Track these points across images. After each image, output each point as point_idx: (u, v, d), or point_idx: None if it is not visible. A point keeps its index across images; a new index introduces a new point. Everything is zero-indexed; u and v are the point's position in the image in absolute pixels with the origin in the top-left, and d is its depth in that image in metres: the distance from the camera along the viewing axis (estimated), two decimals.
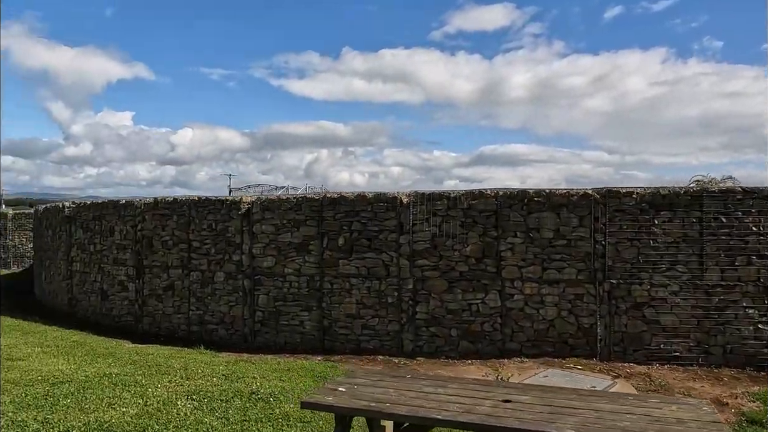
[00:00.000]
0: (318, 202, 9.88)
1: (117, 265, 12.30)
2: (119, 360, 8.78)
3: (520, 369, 8.47)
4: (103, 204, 12.71)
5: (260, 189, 36.86)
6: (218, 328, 10.73)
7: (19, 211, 26.69)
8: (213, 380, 7.65)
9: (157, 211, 11.56)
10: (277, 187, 36.40)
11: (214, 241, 10.77)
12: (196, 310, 11.01)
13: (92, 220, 12.94)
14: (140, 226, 11.82)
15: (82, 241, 13.25)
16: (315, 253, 9.87)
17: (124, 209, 12.19)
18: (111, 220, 12.45)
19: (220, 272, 10.69)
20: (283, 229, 10.09)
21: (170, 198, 11.48)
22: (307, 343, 9.89)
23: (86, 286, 13.14)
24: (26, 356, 8.95)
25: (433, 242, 9.24)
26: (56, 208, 14.41)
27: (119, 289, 12.28)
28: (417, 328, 9.30)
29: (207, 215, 10.86)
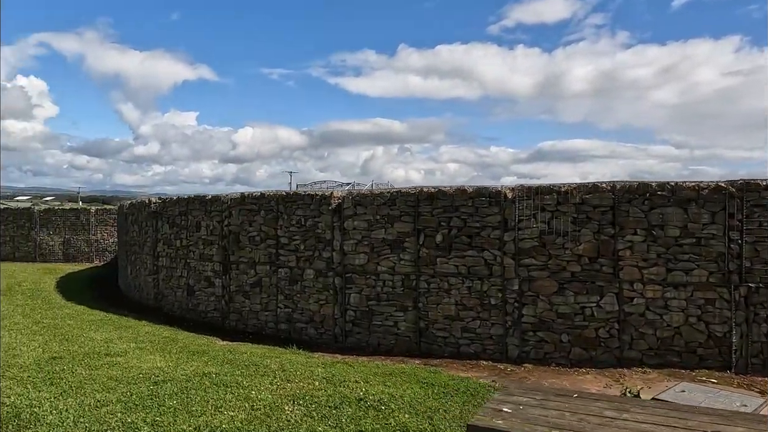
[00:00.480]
0: (414, 197, 9.36)
1: (203, 261, 12.23)
2: (214, 359, 8.57)
3: (645, 381, 7.65)
4: (190, 199, 12.68)
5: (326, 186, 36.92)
6: (307, 326, 10.41)
7: (101, 208, 27.65)
8: (315, 384, 7.27)
9: (244, 206, 11.38)
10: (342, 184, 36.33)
11: (303, 237, 10.45)
12: (284, 308, 10.74)
13: (178, 215, 12.95)
14: (227, 221, 11.68)
15: (168, 237, 13.29)
16: (410, 251, 9.35)
17: (210, 204, 12.09)
18: (197, 216, 12.39)
19: (309, 269, 10.36)
20: (377, 225, 9.63)
21: (257, 193, 11.26)
22: (402, 345, 9.40)
23: (172, 281, 13.17)
24: (123, 352, 8.89)
25: (541, 240, 8.54)
26: (142, 204, 14.57)
27: (205, 285, 12.21)
28: (523, 332, 8.62)
29: (296, 210, 10.56)
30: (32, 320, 11.70)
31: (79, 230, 26.61)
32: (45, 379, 7.28)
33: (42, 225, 26.84)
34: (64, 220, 26.75)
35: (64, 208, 27.91)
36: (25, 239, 27.03)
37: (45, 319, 11.81)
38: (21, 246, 27.11)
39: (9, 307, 13.39)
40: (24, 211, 27.62)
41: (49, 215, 26.97)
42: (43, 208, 28.16)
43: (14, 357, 8.49)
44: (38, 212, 27.20)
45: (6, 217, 27.70)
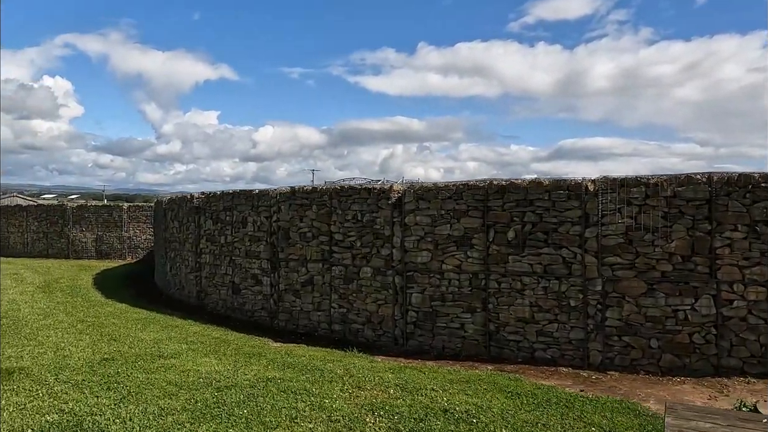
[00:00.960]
0: (482, 191, 8.72)
1: (250, 258, 11.74)
2: (273, 362, 8.04)
3: (752, 392, 6.91)
4: (235, 194, 12.19)
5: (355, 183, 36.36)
6: (364, 328, 9.84)
7: (134, 204, 27.46)
8: (389, 392, 6.68)
9: (294, 201, 10.84)
10: (371, 180, 35.71)
11: (359, 234, 9.87)
12: (338, 308, 10.18)
13: (223, 210, 12.48)
14: (275, 216, 11.16)
15: (211, 233, 12.83)
16: (479, 248, 8.72)
17: (257, 199, 11.59)
18: (243, 211, 11.90)
19: (366, 267, 9.78)
20: (441, 221, 9.01)
21: (309, 187, 10.72)
22: (470, 349, 8.77)
23: (216, 278, 12.72)
24: (176, 353, 8.41)
25: (627, 236, 7.83)
26: (184, 199, 14.15)
27: (252, 283, 11.71)
28: (607, 336, 7.93)
29: (351, 205, 9.99)
30: (76, 318, 11.33)
31: (112, 227, 26.46)
32: (101, 383, 6.81)
33: (75, 222, 26.75)
34: (97, 217, 26.62)
35: (97, 205, 27.80)
36: (59, 236, 26.98)
37: (88, 318, 11.43)
38: (54, 243, 27.07)
39: (50, 304, 13.07)
40: (57, 208, 27.60)
41: (82, 212, 26.87)
42: (76, 205, 28.09)
43: (64, 358, 8.06)
44: (71, 209, 27.12)
45: (39, 214, 27.70)
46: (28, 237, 27.87)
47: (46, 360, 7.95)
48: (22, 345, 8.87)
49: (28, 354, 8.28)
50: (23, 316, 11.33)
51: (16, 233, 28.38)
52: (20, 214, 28.34)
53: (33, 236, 27.73)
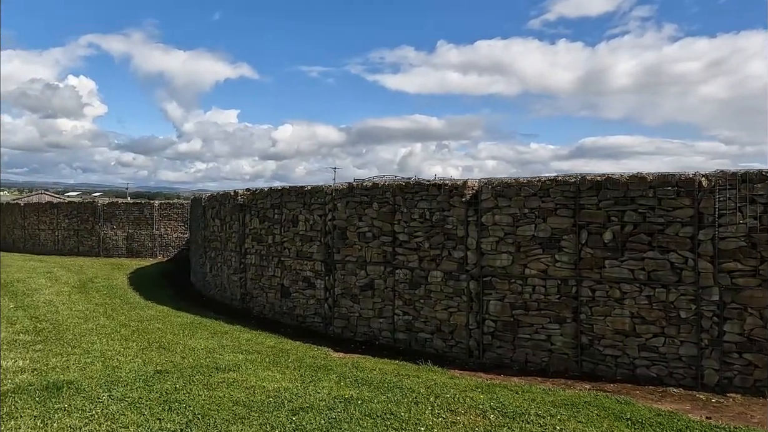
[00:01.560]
0: (573, 187, 7.78)
1: (301, 259, 10.94)
2: (343, 377, 7.20)
3: None
4: (284, 191, 11.40)
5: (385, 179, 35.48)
6: (433, 337, 8.97)
7: (165, 202, 26.95)
8: (489, 417, 5.80)
9: (352, 198, 10.01)
10: (402, 177, 34.79)
11: (427, 234, 9.00)
12: (402, 315, 9.32)
13: (270, 208, 11.70)
14: (331, 215, 10.34)
15: (258, 232, 12.07)
16: (569, 251, 7.78)
17: (310, 196, 10.78)
18: (294, 209, 11.10)
19: (436, 271, 8.91)
20: (524, 220, 8.09)
21: (369, 182, 9.87)
22: (557, 363, 7.85)
23: (263, 281, 11.95)
24: (235, 365, 7.63)
25: (749, 239, 6.84)
26: (226, 196, 13.42)
27: (304, 286, 10.91)
28: (724, 353, 6.95)
29: (418, 203, 9.12)
30: (117, 322, 10.64)
31: (143, 225, 25.97)
32: (161, 402, 6.04)
33: (106, 219, 26.33)
34: (128, 215, 26.16)
35: (128, 202, 27.34)
36: (89, 233, 26.58)
37: (131, 322, 10.73)
38: (85, 240, 26.68)
39: (88, 306, 12.43)
40: (88, 205, 27.19)
41: (113, 209, 26.43)
42: (107, 202, 27.68)
43: (114, 369, 7.32)
44: (102, 206, 26.70)
45: (70, 211, 27.34)
46: (59, 234, 27.53)
47: (94, 371, 7.22)
48: (67, 353, 8.17)
49: (74, 364, 7.57)
50: (63, 320, 10.68)
51: (47, 231, 28.07)
52: (51, 212, 28.02)
53: (63, 234, 27.38)
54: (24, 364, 7.53)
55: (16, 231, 29.88)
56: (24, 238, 29.16)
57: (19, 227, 29.58)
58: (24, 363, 7.59)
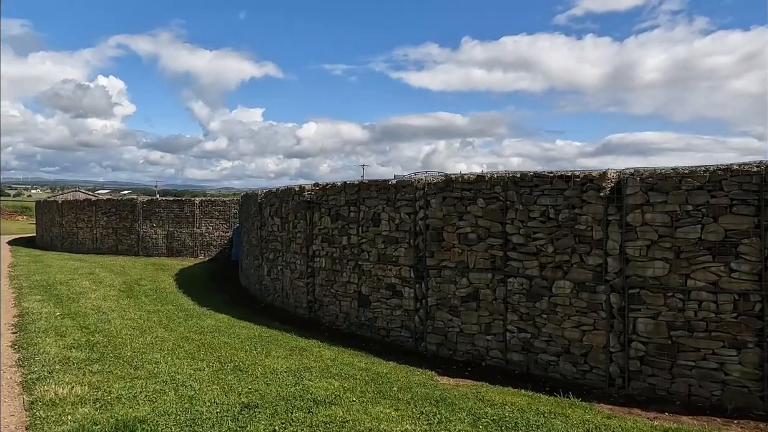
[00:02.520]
0: (756, 177, 6.19)
1: (384, 264, 9.53)
2: (477, 418, 5.75)
3: None
4: (363, 185, 10.00)
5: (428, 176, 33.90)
6: (558, 360, 7.46)
7: (206, 199, 25.88)
8: None
9: (449, 193, 8.55)
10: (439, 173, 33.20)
11: (550, 236, 7.49)
12: (518, 332, 7.84)
13: (345, 205, 10.31)
14: (422, 213, 8.90)
15: (329, 232, 10.69)
16: (751, 258, 6.20)
17: (395, 192, 9.35)
18: (375, 206, 9.69)
19: (563, 281, 7.40)
20: (686, 220, 6.53)
21: (471, 176, 8.39)
22: (735, 398, 6.28)
23: (335, 287, 10.58)
24: (333, 398, 6.23)
25: None
26: (289, 192, 12.08)
27: (387, 295, 9.50)
28: None
29: (538, 198, 7.62)
30: (178, 335, 9.38)
31: (183, 223, 24.94)
32: None
33: (145, 217, 25.37)
34: (168, 212, 25.16)
35: (168, 199, 26.33)
36: (128, 232, 25.67)
37: (192, 334, 9.46)
38: (123, 239, 25.78)
39: (140, 313, 11.22)
40: (127, 203, 26.29)
41: (152, 207, 25.45)
42: (147, 199, 26.73)
43: (191, 402, 5.99)
44: (141, 204, 25.75)
45: (108, 209, 26.48)
46: (97, 233, 26.70)
47: (168, 404, 5.90)
48: (130, 376, 6.89)
49: (142, 392, 6.27)
50: (117, 331, 9.46)
51: (85, 229, 27.27)
52: (89, 209, 27.21)
53: (102, 232, 26.54)
54: (83, 392, 6.26)
55: (54, 229, 29.19)
56: (62, 236, 28.43)
57: (57, 225, 28.88)
58: (83, 390, 6.32)
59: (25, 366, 7.38)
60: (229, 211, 24.86)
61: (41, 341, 8.63)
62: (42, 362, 7.49)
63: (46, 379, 6.79)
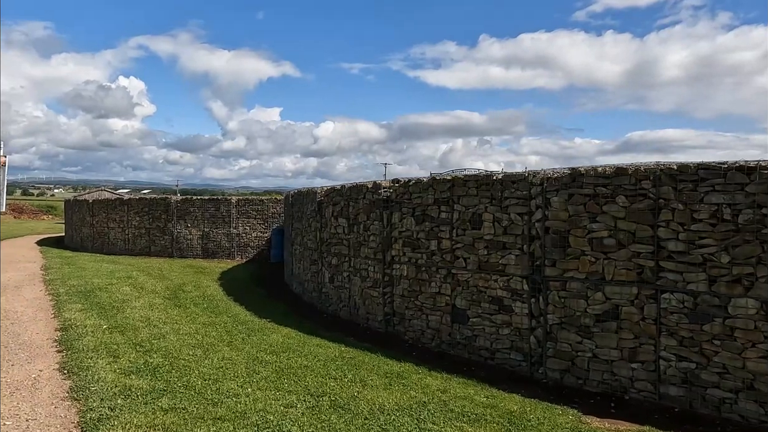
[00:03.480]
0: None
1: (486, 273, 8.11)
2: None
3: None
4: (457, 181, 8.57)
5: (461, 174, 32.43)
6: (736, 398, 5.97)
7: (243, 198, 24.68)
8: None
9: (576, 189, 7.10)
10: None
11: (724, 242, 6.00)
12: (677, 361, 6.35)
13: (433, 204, 8.91)
14: (539, 213, 7.46)
15: (412, 235, 9.30)
16: None
17: (502, 188, 7.91)
18: (474, 205, 8.27)
19: (744, 298, 5.90)
20: None
21: (609, 168, 6.92)
22: None
23: (421, 298, 9.18)
24: None
25: None
26: (358, 189, 10.70)
27: (492, 310, 8.07)
28: None
29: (705, 196, 6.13)
30: (247, 355, 8.06)
31: (219, 223, 23.73)
32: None
33: (179, 217, 24.23)
34: (203, 212, 23.98)
35: (203, 198, 25.15)
36: (161, 232, 24.54)
37: (262, 354, 8.14)
38: (157, 239, 24.66)
39: (195, 326, 9.93)
40: (160, 202, 25.15)
41: (187, 206, 24.28)
42: (181, 198, 25.61)
43: None
44: (175, 203, 24.62)
45: (141, 208, 25.39)
46: (129, 233, 25.64)
47: None
48: (211, 416, 5.56)
49: None
50: (175, 350, 8.17)
51: (117, 229, 26.24)
52: (121, 209, 26.16)
53: (134, 232, 25.47)
54: None
55: (84, 229, 28.23)
56: (92, 236, 27.45)
57: (88, 225, 27.91)
58: None
59: (80, 399, 6.10)
60: (267, 211, 23.62)
61: (93, 364, 7.37)
62: (100, 394, 6.20)
63: (108, 419, 5.49)
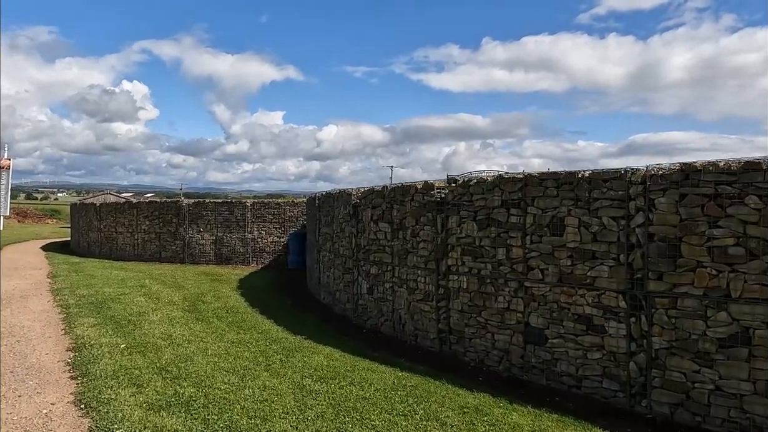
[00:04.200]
0: None
1: (570, 286, 6.95)
2: None
3: None
4: (532, 179, 7.41)
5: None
6: None
7: (259, 201, 23.57)
8: None
9: (691, 188, 5.94)
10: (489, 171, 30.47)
11: None
12: None
13: (501, 207, 7.76)
14: (641, 216, 6.30)
15: (474, 242, 8.14)
16: None
17: (589, 187, 6.75)
18: (553, 207, 7.11)
19: None
20: None
21: (734, 163, 5.77)
22: None
23: (485, 315, 8.02)
24: None
25: None
26: (403, 190, 9.56)
27: (577, 330, 6.91)
28: None
29: None
30: (291, 383, 6.89)
31: (233, 227, 22.63)
32: None
33: (191, 221, 23.13)
34: (216, 216, 22.88)
35: (216, 201, 24.04)
36: (173, 237, 23.45)
37: (308, 381, 6.97)
38: (167, 244, 23.57)
39: (223, 344, 8.78)
40: (171, 205, 24.05)
41: (200, 210, 23.19)
42: (193, 201, 24.50)
43: None
44: (187, 206, 23.52)
45: (151, 212, 24.30)
46: (139, 238, 24.56)
47: None
48: None
49: None
50: (207, 376, 7.02)
51: (125, 233, 25.16)
52: (130, 212, 25.09)
53: (144, 237, 24.38)
54: None
55: (92, 234, 27.17)
56: (100, 241, 26.39)
57: (95, 230, 26.85)
58: None
59: None
60: (283, 214, 22.51)
61: (114, 395, 6.22)
62: None
63: None
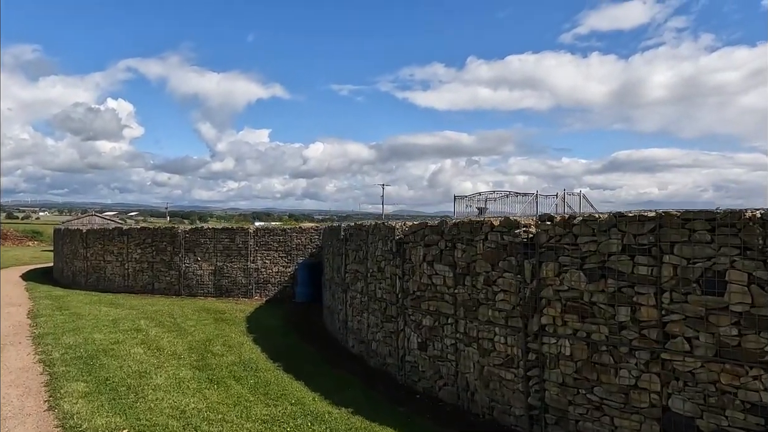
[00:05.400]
0: None
1: (737, 363, 5.18)
2: None
3: None
4: (670, 220, 5.64)
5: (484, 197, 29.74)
6: None
7: (263, 227, 21.62)
8: None
9: None
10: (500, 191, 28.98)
11: None
12: None
13: (622, 252, 5.99)
14: None
15: (581, 296, 6.35)
16: None
17: (765, 231, 5.02)
18: (709, 256, 5.35)
19: None
20: None
21: None
22: None
23: (598, 392, 6.20)
24: None
25: None
26: (471, 226, 7.76)
27: (753, 424, 5.12)
28: None
29: None
30: None
31: (234, 256, 20.63)
32: None
33: (188, 249, 21.12)
34: (215, 243, 20.88)
35: (216, 228, 22.00)
36: (167, 267, 21.38)
37: None
38: (161, 275, 21.49)
39: (252, 425, 6.84)
40: (165, 232, 21.98)
41: (197, 237, 21.17)
42: (190, 228, 22.48)
43: None
44: (183, 233, 21.50)
45: (143, 239, 22.23)
46: (129, 267, 22.44)
47: None
48: None
49: None
50: None
51: (114, 262, 23.01)
52: (119, 239, 22.97)
53: (135, 266, 22.28)
54: None
55: (77, 263, 24.94)
56: (86, 270, 24.17)
57: (81, 258, 24.63)
58: None
59: None
60: (290, 242, 20.57)
61: None
62: None
63: None
